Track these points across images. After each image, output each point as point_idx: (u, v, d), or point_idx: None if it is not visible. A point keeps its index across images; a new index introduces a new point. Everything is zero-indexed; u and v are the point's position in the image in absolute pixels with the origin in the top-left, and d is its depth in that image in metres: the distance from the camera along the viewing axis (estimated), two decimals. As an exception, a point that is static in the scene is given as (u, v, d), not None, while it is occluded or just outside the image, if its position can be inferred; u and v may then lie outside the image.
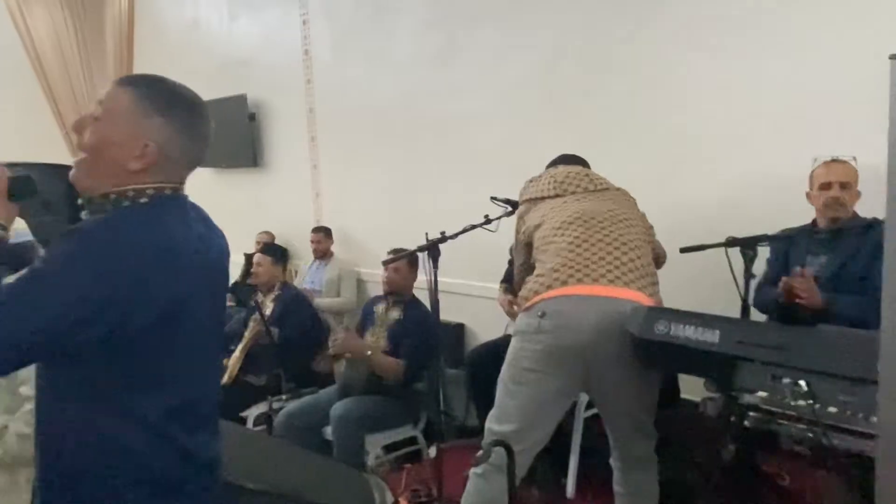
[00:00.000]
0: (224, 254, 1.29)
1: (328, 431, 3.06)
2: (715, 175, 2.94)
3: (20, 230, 2.00)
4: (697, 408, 2.03)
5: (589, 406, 2.78)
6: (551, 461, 2.74)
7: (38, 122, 6.22)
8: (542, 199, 2.29)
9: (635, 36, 3.15)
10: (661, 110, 3.10)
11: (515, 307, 2.86)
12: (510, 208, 2.65)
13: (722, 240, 2.18)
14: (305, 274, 4.76)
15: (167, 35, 6.19)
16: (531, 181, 2.41)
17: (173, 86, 1.21)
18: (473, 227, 2.55)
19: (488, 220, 2.55)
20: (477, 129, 3.84)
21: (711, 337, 1.69)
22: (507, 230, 2.60)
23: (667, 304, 2.86)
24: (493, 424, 2.05)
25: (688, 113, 3.01)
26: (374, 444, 3.05)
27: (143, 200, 1.17)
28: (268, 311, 3.67)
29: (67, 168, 1.21)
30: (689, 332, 1.73)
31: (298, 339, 3.61)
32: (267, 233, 5.10)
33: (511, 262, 3.10)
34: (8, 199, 1.18)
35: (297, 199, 5.11)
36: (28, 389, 1.91)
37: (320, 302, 4.31)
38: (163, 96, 1.18)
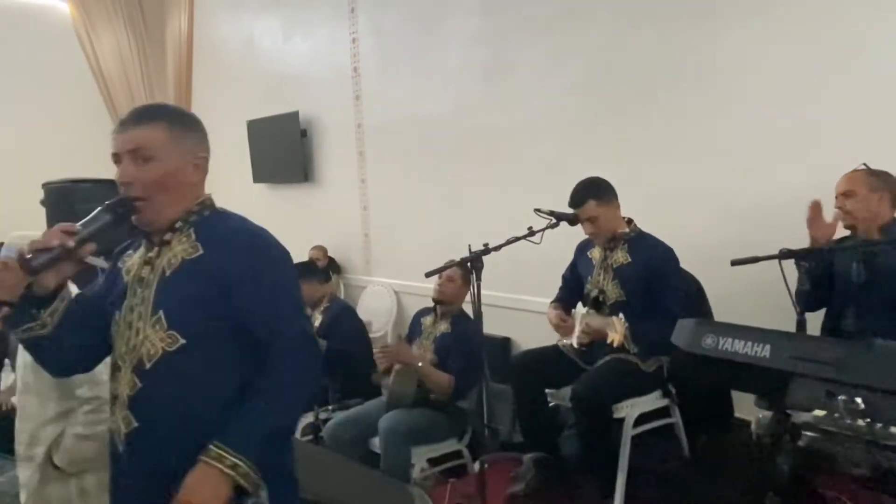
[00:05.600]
0: None
1: (374, 443, 3.07)
2: (767, 186, 2.85)
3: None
4: (750, 426, 1.96)
5: (637, 423, 2.73)
6: (598, 480, 2.69)
7: (103, 140, 6.50)
8: None
9: (685, 47, 3.11)
10: (714, 121, 3.04)
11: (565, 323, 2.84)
12: (554, 220, 2.64)
13: (775, 252, 2.11)
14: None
15: (223, 54, 6.42)
16: None
17: (177, 108, 1.47)
18: (517, 238, 2.54)
19: (532, 232, 2.53)
20: (523, 141, 3.84)
21: (762, 351, 1.64)
22: (550, 243, 2.59)
23: (718, 316, 2.80)
24: None
25: (740, 123, 2.94)
26: (420, 457, 3.05)
27: (217, 207, 1.42)
28: (316, 324, 3.73)
29: (127, 198, 1.33)
30: (738, 347, 1.68)
31: (346, 351, 3.65)
32: (319, 247, 5.16)
33: (563, 285, 3.07)
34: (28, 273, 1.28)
35: (346, 212, 5.19)
36: (86, 391, 1.94)
37: None
38: (180, 116, 1.40)
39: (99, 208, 1.33)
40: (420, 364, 3.08)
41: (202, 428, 1.27)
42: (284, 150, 5.42)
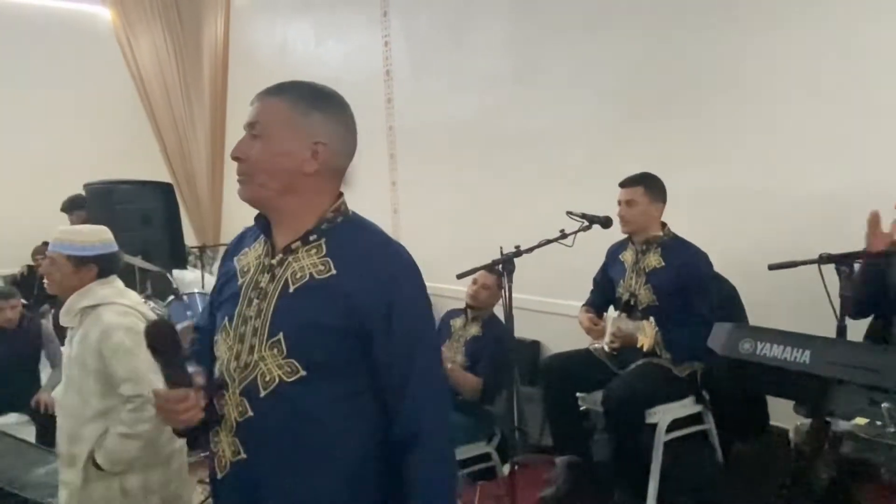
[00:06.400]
0: None
1: (403, 444, 3.08)
2: (803, 189, 2.80)
3: (108, 241, 2.11)
4: (787, 434, 1.92)
5: (670, 429, 2.69)
6: (630, 486, 2.66)
7: (142, 142, 6.68)
8: None
9: (715, 51, 3.07)
10: (746, 124, 2.99)
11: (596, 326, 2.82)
12: (586, 223, 2.62)
13: (814, 256, 2.06)
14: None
15: (258, 58, 6.52)
16: None
17: (313, 83, 1.21)
18: (548, 241, 2.53)
19: (564, 235, 2.52)
20: (554, 145, 3.82)
21: (802, 357, 1.61)
22: (582, 246, 2.57)
23: (753, 322, 2.75)
24: None
25: (773, 126, 2.89)
26: (449, 459, 3.05)
27: (350, 213, 1.25)
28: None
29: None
30: (776, 352, 1.65)
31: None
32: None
33: (595, 289, 3.05)
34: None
35: (377, 215, 5.11)
36: (128, 389, 1.91)
37: None
38: (312, 93, 1.18)
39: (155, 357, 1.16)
40: (449, 367, 3.09)
41: (317, 477, 1.14)
42: (316, 153, 5.48)
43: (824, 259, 2.03)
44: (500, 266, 2.41)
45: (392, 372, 1.13)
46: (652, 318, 2.65)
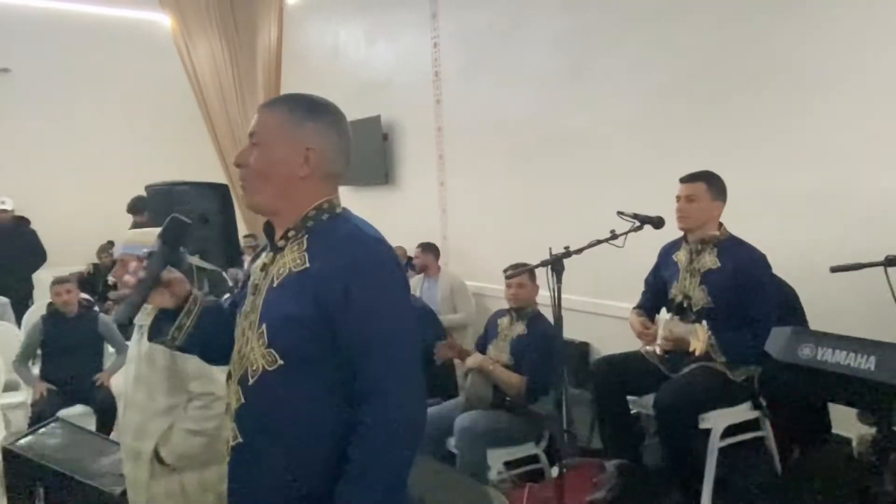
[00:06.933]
0: None
1: (451, 442, 3.10)
2: (872, 188, 2.68)
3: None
4: (850, 443, 1.85)
5: (724, 435, 2.62)
6: (683, 492, 2.60)
7: (199, 144, 6.91)
8: None
9: (776, 45, 2.97)
10: (808, 121, 2.89)
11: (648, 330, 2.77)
12: (637, 223, 2.58)
13: (880, 258, 1.98)
14: (415, 292, 4.83)
15: (310, 62, 6.65)
16: None
17: (309, 96, 1.31)
18: (598, 242, 2.49)
19: (615, 236, 2.48)
20: (605, 144, 3.77)
21: (866, 363, 1.54)
22: (633, 246, 2.53)
23: (814, 326, 2.65)
24: None
25: (836, 124, 2.78)
26: (496, 460, 3.05)
27: (338, 210, 1.29)
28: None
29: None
30: (839, 357, 1.59)
31: (425, 351, 3.69)
32: (399, 248, 5.26)
33: (646, 290, 3.00)
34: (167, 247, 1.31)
35: (425, 214, 5.26)
36: (198, 386, 1.94)
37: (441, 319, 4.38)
38: (305, 105, 1.28)
39: (157, 236, 1.32)
40: (491, 367, 3.09)
41: (302, 460, 1.21)
42: (366, 154, 5.56)
43: (891, 261, 1.95)
44: (550, 267, 2.39)
45: (351, 358, 1.18)
46: (705, 322, 2.58)
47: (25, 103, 6.70)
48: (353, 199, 6.51)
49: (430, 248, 4.75)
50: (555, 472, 3.01)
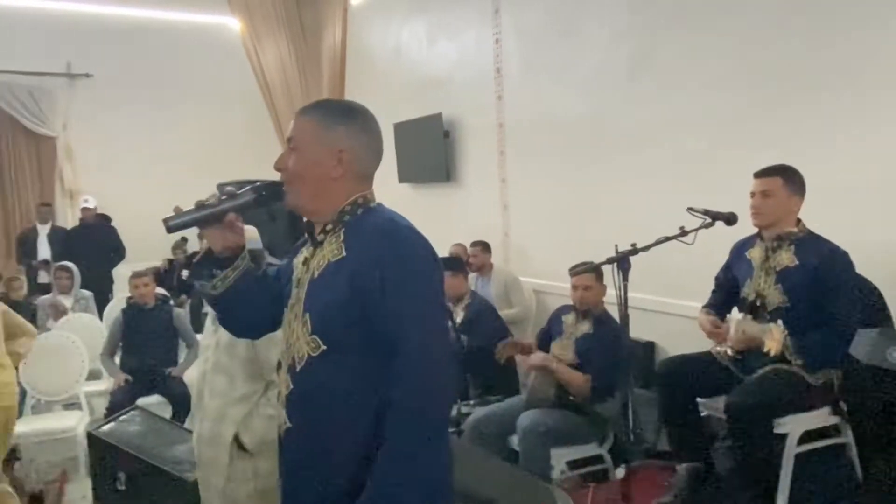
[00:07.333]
0: None
1: (514, 440, 3.08)
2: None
3: (255, 240, 2.25)
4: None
5: (802, 441, 2.51)
6: (756, 499, 2.50)
7: (265, 143, 7.12)
8: None
9: (853, 31, 2.82)
10: (887, 112, 2.72)
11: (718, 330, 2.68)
12: (709, 220, 2.49)
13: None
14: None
15: (373, 62, 6.74)
16: None
17: (339, 100, 1.44)
18: (667, 239, 2.43)
19: (684, 232, 2.41)
20: (671, 138, 3.67)
21: (964, 369, 1.44)
22: (703, 244, 2.45)
23: (903, 329, 2.50)
24: None
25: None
26: (560, 459, 3.02)
27: (372, 205, 1.36)
28: (458, 319, 3.81)
29: (280, 184, 1.38)
30: (933, 362, 1.49)
31: (486, 347, 3.69)
32: (459, 245, 5.27)
33: (717, 289, 2.90)
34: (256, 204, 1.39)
35: (486, 211, 5.25)
36: (275, 375, 1.91)
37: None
38: (337, 109, 1.37)
39: (249, 187, 1.39)
40: (554, 366, 3.06)
41: (344, 443, 1.26)
42: (428, 151, 5.60)
43: None
44: (616, 264, 2.34)
45: (386, 343, 1.22)
46: (780, 322, 2.47)
47: (107, 107, 7.07)
48: (413, 197, 6.64)
49: (485, 247, 4.75)
50: (619, 473, 2.96)
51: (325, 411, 1.27)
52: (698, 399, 2.74)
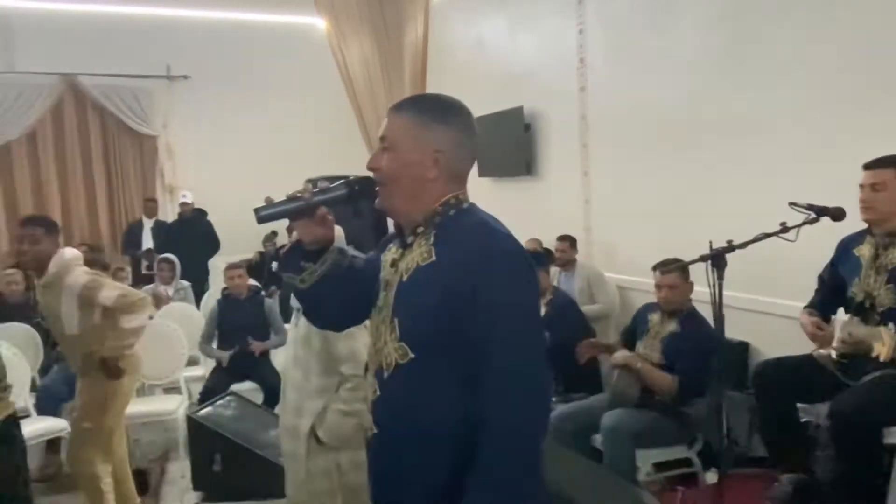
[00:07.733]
0: None
1: (597, 439, 3.03)
2: None
3: (339, 238, 2.30)
4: None
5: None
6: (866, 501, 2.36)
7: (350, 139, 7.29)
8: None
9: None
10: None
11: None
12: (813, 215, 2.35)
13: None
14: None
15: (455, 56, 6.76)
16: None
17: (436, 96, 1.34)
18: (767, 235, 2.30)
19: (786, 229, 2.28)
20: (769, 130, 3.47)
21: None
22: (807, 240, 2.31)
23: None
24: None
25: None
26: (646, 460, 2.94)
27: (465, 206, 1.30)
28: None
29: (372, 180, 1.35)
30: None
31: (569, 344, 3.63)
32: (534, 240, 5.21)
33: (820, 288, 2.73)
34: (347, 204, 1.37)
35: (567, 205, 5.16)
36: (350, 368, 2.03)
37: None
38: (434, 107, 1.30)
39: (341, 181, 1.35)
40: (639, 365, 2.98)
41: (431, 451, 1.23)
42: (508, 145, 5.56)
43: None
44: (711, 262, 2.24)
45: (477, 352, 1.17)
46: (891, 324, 2.30)
47: (203, 107, 7.46)
48: (494, 191, 6.61)
49: (572, 242, 4.68)
50: (710, 477, 2.85)
51: (410, 419, 1.24)
52: (798, 405, 2.60)
